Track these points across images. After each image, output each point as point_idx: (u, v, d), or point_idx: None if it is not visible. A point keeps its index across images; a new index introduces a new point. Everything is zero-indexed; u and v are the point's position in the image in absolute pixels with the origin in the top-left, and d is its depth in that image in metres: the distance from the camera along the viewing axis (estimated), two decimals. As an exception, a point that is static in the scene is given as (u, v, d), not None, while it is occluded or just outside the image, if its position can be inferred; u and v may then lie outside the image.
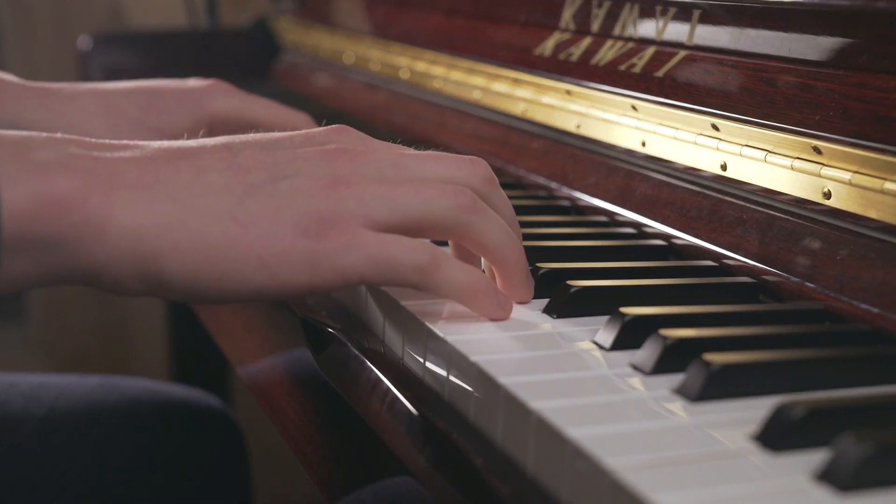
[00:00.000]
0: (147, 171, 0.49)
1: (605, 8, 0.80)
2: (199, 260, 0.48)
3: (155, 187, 0.49)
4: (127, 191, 0.48)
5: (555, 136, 0.84)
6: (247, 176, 0.51)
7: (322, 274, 0.50)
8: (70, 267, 0.47)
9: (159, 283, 0.49)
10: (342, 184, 0.51)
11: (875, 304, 0.53)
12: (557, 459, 0.41)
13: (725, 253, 0.63)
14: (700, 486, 0.38)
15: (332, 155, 0.53)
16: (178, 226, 0.48)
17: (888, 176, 0.55)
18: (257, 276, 0.49)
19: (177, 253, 0.48)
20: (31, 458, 0.84)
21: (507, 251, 0.55)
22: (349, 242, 0.50)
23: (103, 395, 0.90)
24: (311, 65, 1.35)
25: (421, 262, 0.51)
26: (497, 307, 0.53)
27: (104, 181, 0.48)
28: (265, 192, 0.50)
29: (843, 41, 0.59)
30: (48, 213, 0.46)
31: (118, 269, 0.48)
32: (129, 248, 0.47)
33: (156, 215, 0.48)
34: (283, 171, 0.51)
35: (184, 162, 0.50)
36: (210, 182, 0.50)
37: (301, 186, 0.51)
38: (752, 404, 0.44)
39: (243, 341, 0.77)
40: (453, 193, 0.53)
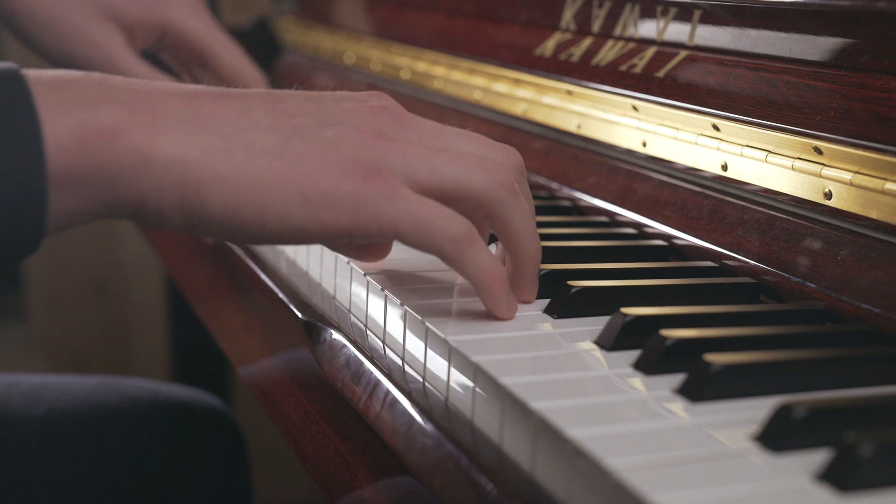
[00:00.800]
0: (191, 105, 0.49)
1: (605, 8, 0.80)
2: (241, 191, 0.48)
3: (199, 119, 0.48)
4: (171, 121, 0.48)
5: (555, 137, 0.84)
6: (292, 119, 0.51)
7: (361, 218, 0.50)
8: (115, 199, 0.47)
9: (201, 213, 0.48)
10: (385, 138, 0.51)
11: (876, 305, 0.53)
12: (558, 459, 0.41)
13: (726, 253, 0.63)
14: (701, 487, 0.38)
15: (376, 111, 0.53)
16: (223, 156, 0.48)
17: (889, 176, 0.55)
18: (299, 212, 0.49)
19: (220, 182, 0.48)
20: (31, 458, 0.84)
21: (529, 241, 0.55)
22: (392, 193, 0.50)
23: (104, 395, 0.90)
24: (311, 65, 1.35)
25: (457, 234, 0.51)
26: (506, 304, 0.54)
27: (147, 112, 0.48)
28: (311, 136, 0.50)
29: (844, 41, 0.59)
30: (92, 145, 0.46)
31: (161, 200, 0.47)
32: (173, 177, 0.47)
33: (200, 145, 0.48)
34: (328, 119, 0.51)
35: (228, 100, 0.50)
36: (255, 119, 0.50)
37: (346, 134, 0.51)
38: (753, 404, 0.44)
39: (244, 341, 0.77)
40: (493, 169, 0.53)
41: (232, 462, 0.97)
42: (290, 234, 0.50)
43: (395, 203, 0.50)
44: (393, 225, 0.50)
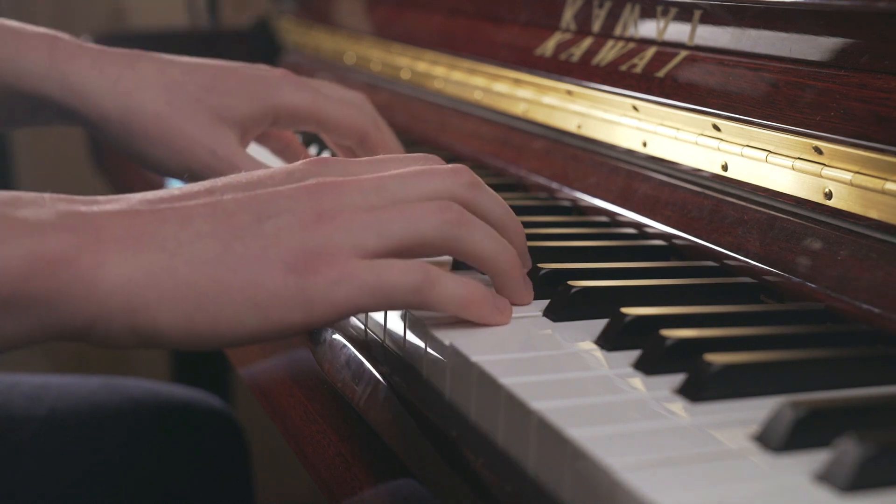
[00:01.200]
0: (134, 224, 0.49)
1: (605, 8, 0.80)
2: (190, 308, 0.48)
3: (142, 239, 0.48)
4: (115, 244, 0.48)
5: (556, 137, 0.84)
6: (231, 220, 0.50)
7: (317, 310, 0.49)
8: (62, 324, 0.47)
9: (152, 334, 0.48)
10: (326, 217, 0.50)
11: (876, 305, 0.53)
12: (558, 460, 0.41)
13: (726, 253, 0.63)
14: (701, 487, 0.38)
15: (312, 190, 0.52)
16: (167, 276, 0.48)
17: (889, 176, 0.55)
18: (251, 318, 0.49)
19: (168, 303, 0.48)
20: (32, 459, 0.84)
21: (500, 259, 0.54)
22: (340, 275, 0.49)
23: (105, 395, 0.90)
24: (312, 65, 1.35)
25: (416, 283, 0.50)
26: (496, 313, 0.53)
27: (93, 237, 0.47)
28: (250, 234, 0.49)
29: (844, 41, 0.59)
30: (40, 272, 0.46)
31: (109, 324, 0.47)
32: (120, 302, 0.47)
33: (144, 267, 0.48)
34: (267, 210, 0.50)
35: (169, 212, 0.50)
36: (196, 229, 0.49)
37: (285, 225, 0.50)
38: (753, 405, 0.44)
39: (244, 341, 0.77)
40: (439, 210, 0.52)
41: (233, 462, 0.97)
42: (247, 339, 0.49)
43: (346, 283, 0.49)
44: (351, 304, 0.49)
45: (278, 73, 0.76)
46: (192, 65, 0.75)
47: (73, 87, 0.72)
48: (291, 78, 0.76)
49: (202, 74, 0.74)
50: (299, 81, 0.76)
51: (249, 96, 0.74)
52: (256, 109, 0.74)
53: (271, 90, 0.74)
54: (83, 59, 0.72)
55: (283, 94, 0.75)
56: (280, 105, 0.74)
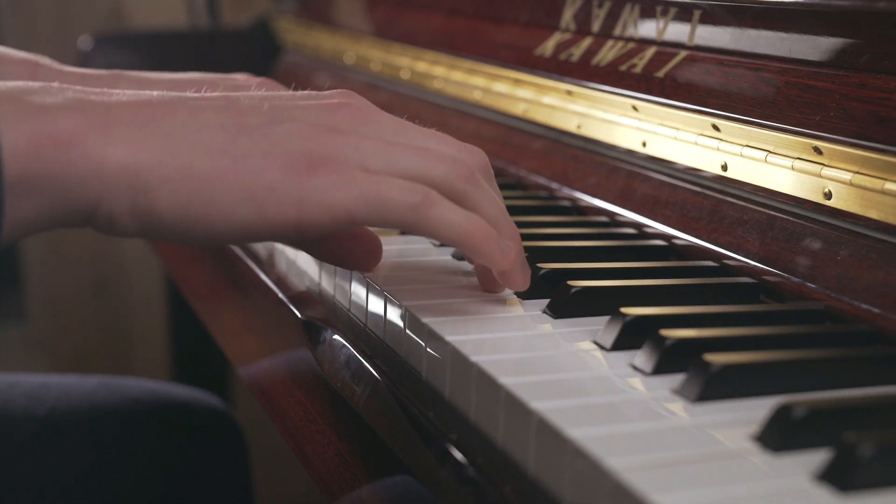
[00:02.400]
0: (143, 111, 0.50)
1: (605, 8, 0.80)
2: (188, 191, 0.49)
3: (150, 125, 0.49)
4: (123, 127, 0.48)
5: (555, 137, 0.84)
6: (243, 118, 0.51)
7: (309, 210, 0.49)
8: (69, 205, 0.48)
9: (150, 217, 0.49)
10: (339, 132, 0.51)
11: (876, 305, 0.53)
12: (558, 460, 0.41)
13: (726, 253, 0.63)
14: (701, 487, 0.38)
15: (334, 107, 0.53)
16: (170, 159, 0.49)
17: (889, 176, 0.55)
18: (245, 208, 0.49)
19: (167, 184, 0.48)
20: (32, 458, 0.84)
21: (503, 226, 0.54)
22: (339, 179, 0.50)
23: (104, 395, 0.90)
24: (311, 65, 1.35)
25: (414, 201, 0.50)
26: (500, 254, 0.53)
27: (101, 119, 0.48)
28: (260, 132, 0.50)
29: (844, 41, 0.59)
30: (48, 151, 0.46)
31: (112, 205, 0.48)
32: (124, 182, 0.48)
33: (149, 150, 0.48)
34: (281, 116, 0.51)
35: (180, 104, 0.51)
36: (205, 120, 0.50)
37: (296, 130, 0.51)
38: (753, 404, 0.44)
39: (244, 341, 0.77)
40: (452, 161, 0.53)
41: (233, 462, 0.97)
42: (239, 233, 0.50)
43: (344, 188, 0.50)
44: (345, 210, 0.50)
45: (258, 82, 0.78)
46: (173, 80, 0.77)
47: None
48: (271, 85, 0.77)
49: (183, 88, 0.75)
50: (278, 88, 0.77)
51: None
52: None
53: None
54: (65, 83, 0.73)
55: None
56: None
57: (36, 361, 2.13)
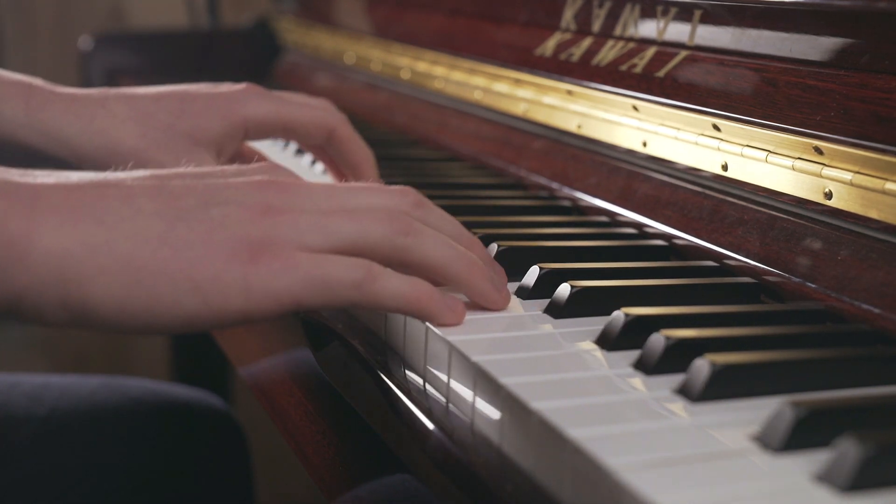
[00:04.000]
0: (72, 196, 0.48)
1: (605, 8, 0.80)
2: (128, 283, 0.47)
3: (80, 210, 0.47)
4: (51, 213, 0.46)
5: (556, 137, 0.84)
6: (177, 202, 0.49)
7: (256, 298, 0.48)
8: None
9: (84, 309, 0.47)
10: (274, 212, 0.50)
11: (876, 305, 0.53)
12: (558, 459, 0.41)
13: (726, 253, 0.63)
14: (701, 487, 0.38)
15: (263, 185, 0.51)
16: (106, 249, 0.47)
17: (889, 176, 0.55)
18: (190, 300, 0.48)
19: (104, 276, 0.46)
20: (33, 459, 0.84)
21: (454, 266, 0.54)
22: (283, 265, 0.49)
23: (105, 395, 0.90)
24: (311, 65, 1.35)
25: (357, 278, 0.50)
26: (448, 312, 0.52)
27: (26, 204, 0.46)
28: (196, 218, 0.49)
29: (845, 41, 0.59)
30: None
31: (40, 296, 0.46)
32: (53, 272, 0.46)
33: (82, 238, 0.46)
34: (215, 198, 0.50)
35: (111, 188, 0.49)
36: (139, 206, 0.48)
37: (233, 213, 0.49)
38: (754, 404, 0.44)
39: (244, 341, 0.77)
40: (387, 218, 0.52)
41: (233, 462, 0.97)
42: (183, 323, 0.48)
43: (289, 273, 0.49)
44: (291, 295, 0.49)
45: (242, 88, 0.78)
46: (159, 94, 0.77)
47: (51, 133, 0.73)
48: (255, 90, 0.78)
49: (170, 101, 0.76)
50: (263, 93, 0.78)
51: (218, 115, 0.76)
52: (227, 126, 0.76)
53: (237, 105, 0.76)
54: (57, 105, 0.74)
55: (249, 107, 0.77)
56: (248, 118, 0.76)
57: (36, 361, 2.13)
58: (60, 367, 2.08)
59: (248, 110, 0.76)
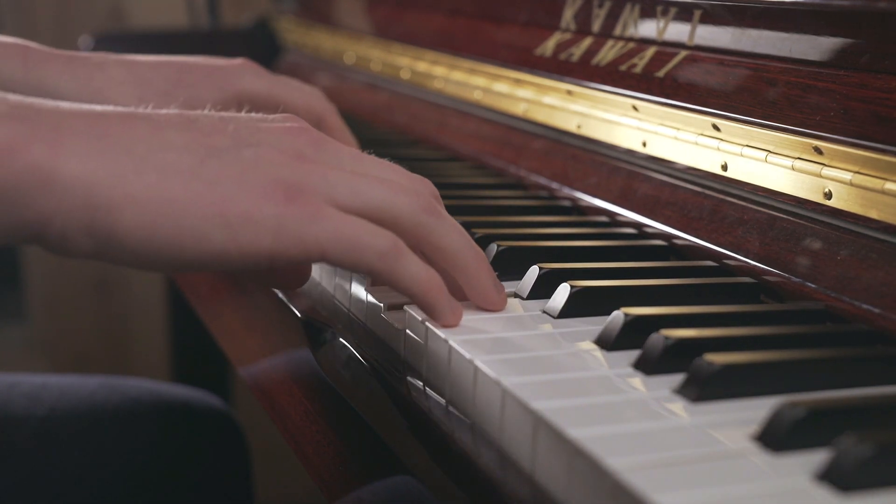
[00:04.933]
0: (98, 123, 0.47)
1: (605, 8, 0.80)
2: (156, 213, 0.46)
3: (108, 138, 0.46)
4: (77, 139, 0.45)
5: (556, 137, 0.84)
6: (208, 139, 0.49)
7: (284, 241, 0.48)
8: (15, 220, 0.45)
9: (110, 238, 0.46)
10: (307, 160, 0.50)
11: (876, 305, 0.53)
12: (558, 459, 0.41)
13: (726, 253, 0.63)
14: (701, 487, 0.38)
15: (295, 132, 0.52)
16: (135, 177, 0.46)
17: (889, 176, 0.55)
18: (219, 235, 0.47)
19: (132, 204, 0.45)
20: (32, 459, 0.84)
21: (469, 256, 0.54)
22: (315, 213, 0.48)
23: (104, 395, 0.90)
24: (312, 65, 1.35)
25: (383, 248, 0.50)
26: (448, 311, 0.52)
27: (50, 129, 0.45)
28: (229, 156, 0.48)
29: (845, 41, 0.59)
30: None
31: (65, 222, 0.45)
32: (79, 198, 0.45)
33: (110, 165, 0.45)
34: (247, 139, 0.50)
35: (139, 120, 0.48)
36: (169, 138, 0.48)
37: (266, 155, 0.49)
38: (753, 404, 0.44)
39: (244, 341, 0.77)
40: (415, 193, 0.52)
41: (233, 462, 0.97)
42: (209, 259, 0.47)
43: (319, 223, 0.48)
44: (318, 245, 0.48)
45: (238, 63, 0.79)
46: (158, 62, 0.77)
47: (49, 91, 0.73)
48: (251, 66, 0.79)
49: (168, 69, 0.77)
50: (258, 69, 0.79)
51: (214, 86, 0.77)
52: (222, 98, 0.76)
53: (233, 78, 0.77)
54: (55, 64, 0.74)
55: (244, 81, 0.78)
56: (242, 91, 0.77)
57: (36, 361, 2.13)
58: (60, 367, 2.08)
59: (244, 84, 0.77)
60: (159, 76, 0.76)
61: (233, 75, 0.77)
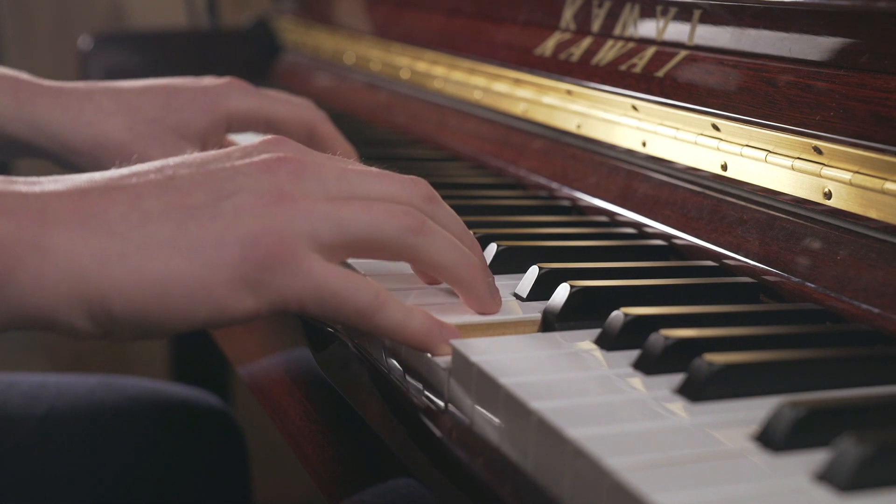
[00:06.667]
0: (80, 206, 0.47)
1: (605, 8, 0.80)
2: (143, 296, 0.47)
3: (89, 222, 0.46)
4: (61, 228, 0.46)
5: (555, 136, 0.84)
6: (186, 199, 0.49)
7: (266, 298, 0.48)
8: (17, 313, 0.45)
9: (111, 323, 0.47)
10: (287, 199, 0.49)
11: (875, 305, 0.53)
12: (558, 460, 0.41)
13: (726, 253, 0.63)
14: (700, 487, 0.38)
15: (273, 166, 0.51)
16: (118, 261, 0.46)
17: (889, 176, 0.55)
18: (204, 307, 0.48)
19: (119, 292, 0.46)
20: (31, 458, 0.84)
21: (461, 269, 0.53)
22: (296, 268, 0.48)
23: (103, 394, 0.90)
24: (311, 65, 1.35)
25: (365, 303, 0.49)
26: (440, 343, 0.51)
27: (36, 221, 0.46)
28: (207, 215, 0.48)
29: (844, 41, 0.59)
30: None
31: (69, 314, 0.46)
32: (74, 291, 0.45)
33: (93, 252, 0.46)
34: (225, 188, 0.49)
35: (118, 192, 0.48)
36: (147, 210, 0.48)
37: (245, 205, 0.49)
38: (753, 404, 0.44)
39: (244, 341, 0.77)
40: (401, 214, 0.51)
41: (232, 462, 0.97)
42: (200, 326, 0.49)
43: (301, 277, 0.48)
44: (298, 301, 0.49)
45: (225, 82, 0.79)
46: (144, 87, 0.78)
47: (40, 126, 0.74)
48: (238, 84, 0.79)
49: (155, 95, 0.77)
50: (245, 87, 0.79)
51: (203, 108, 0.77)
52: (211, 120, 0.77)
53: (221, 99, 0.78)
54: (45, 98, 0.75)
55: (232, 101, 0.78)
56: (232, 112, 0.78)
57: (36, 362, 2.13)
58: (60, 367, 2.08)
59: (232, 104, 0.78)
60: (147, 102, 0.76)
61: (220, 96, 0.78)
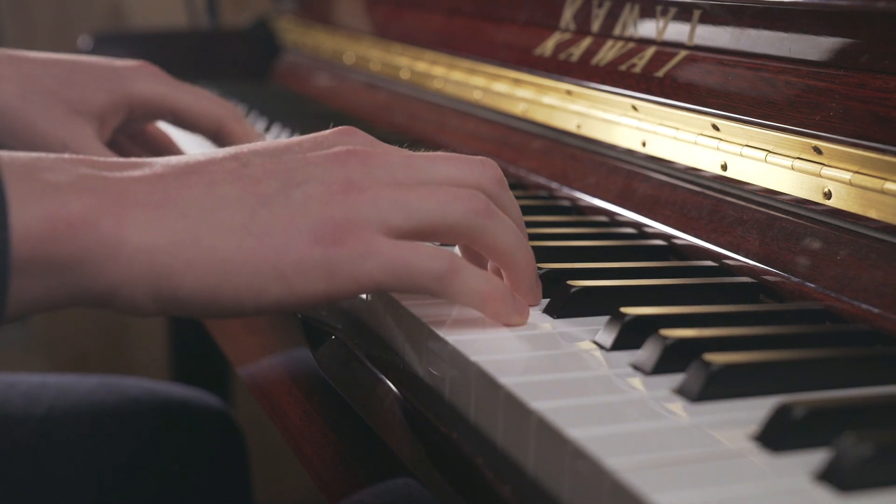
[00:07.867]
0: (157, 189, 0.49)
1: (605, 8, 0.80)
2: (214, 276, 0.48)
3: (166, 205, 0.48)
4: (138, 210, 0.48)
5: (555, 137, 0.84)
6: (258, 186, 0.50)
7: (339, 282, 0.49)
8: (84, 289, 0.47)
9: (175, 301, 0.48)
10: (355, 189, 0.51)
11: (875, 305, 0.53)
12: (558, 460, 0.41)
13: (726, 253, 0.63)
14: (700, 486, 0.38)
15: (342, 158, 0.52)
16: (192, 242, 0.48)
17: (888, 176, 0.55)
18: (274, 287, 0.49)
19: (191, 270, 0.48)
20: (31, 458, 0.84)
21: (519, 255, 0.54)
22: (366, 249, 0.49)
23: (103, 394, 0.90)
24: (311, 65, 1.35)
25: (439, 270, 0.50)
26: (514, 313, 0.53)
27: (115, 201, 0.47)
28: (278, 202, 0.50)
29: (844, 41, 0.59)
30: (60, 235, 0.46)
31: (133, 290, 0.47)
32: (144, 267, 0.47)
33: (168, 233, 0.48)
34: (295, 178, 0.51)
35: (193, 177, 0.50)
36: (221, 195, 0.49)
37: (314, 193, 0.50)
38: (753, 404, 0.44)
39: (244, 341, 0.77)
40: (467, 197, 0.53)
41: (232, 462, 0.97)
42: (269, 308, 0.50)
43: (372, 258, 0.49)
44: (373, 280, 0.50)
45: (134, 65, 0.78)
46: (48, 60, 0.77)
47: None
48: (148, 69, 0.78)
49: (57, 68, 0.76)
50: (156, 74, 0.78)
51: (104, 87, 0.76)
52: (110, 100, 0.76)
53: (125, 81, 0.77)
54: None
55: (137, 84, 0.77)
56: (134, 95, 0.77)
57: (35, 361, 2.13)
58: (60, 367, 2.08)
59: (136, 88, 0.77)
60: (47, 74, 0.75)
61: (126, 78, 0.77)
